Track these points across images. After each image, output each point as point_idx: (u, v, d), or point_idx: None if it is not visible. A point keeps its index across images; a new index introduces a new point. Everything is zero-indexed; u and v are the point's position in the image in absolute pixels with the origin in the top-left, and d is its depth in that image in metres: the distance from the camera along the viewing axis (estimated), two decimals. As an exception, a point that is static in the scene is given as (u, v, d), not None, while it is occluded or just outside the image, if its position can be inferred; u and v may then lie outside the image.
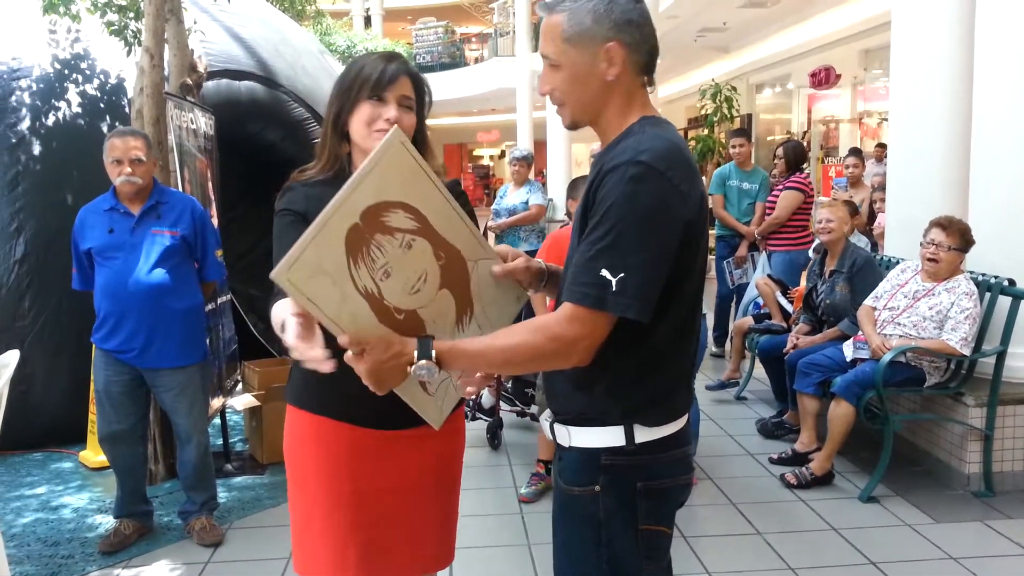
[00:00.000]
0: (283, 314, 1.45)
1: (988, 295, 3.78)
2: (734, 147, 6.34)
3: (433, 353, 1.36)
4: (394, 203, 1.44)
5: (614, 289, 1.34)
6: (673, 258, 1.39)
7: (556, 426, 1.55)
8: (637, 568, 1.51)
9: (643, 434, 1.47)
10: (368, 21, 24.89)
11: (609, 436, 1.47)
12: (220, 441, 4.30)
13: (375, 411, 1.68)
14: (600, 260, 1.35)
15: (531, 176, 6.67)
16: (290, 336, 1.36)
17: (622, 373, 1.45)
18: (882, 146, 9.13)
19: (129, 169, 3.15)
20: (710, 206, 6.39)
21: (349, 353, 1.36)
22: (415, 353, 1.36)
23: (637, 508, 1.49)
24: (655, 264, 1.36)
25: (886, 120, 9.97)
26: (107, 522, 3.53)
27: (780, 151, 6.11)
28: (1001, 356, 3.71)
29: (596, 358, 1.42)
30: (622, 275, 1.34)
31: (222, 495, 3.74)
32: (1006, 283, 3.71)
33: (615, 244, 1.34)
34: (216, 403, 3.97)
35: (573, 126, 1.55)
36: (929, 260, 3.77)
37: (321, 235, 1.36)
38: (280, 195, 1.77)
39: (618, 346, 1.42)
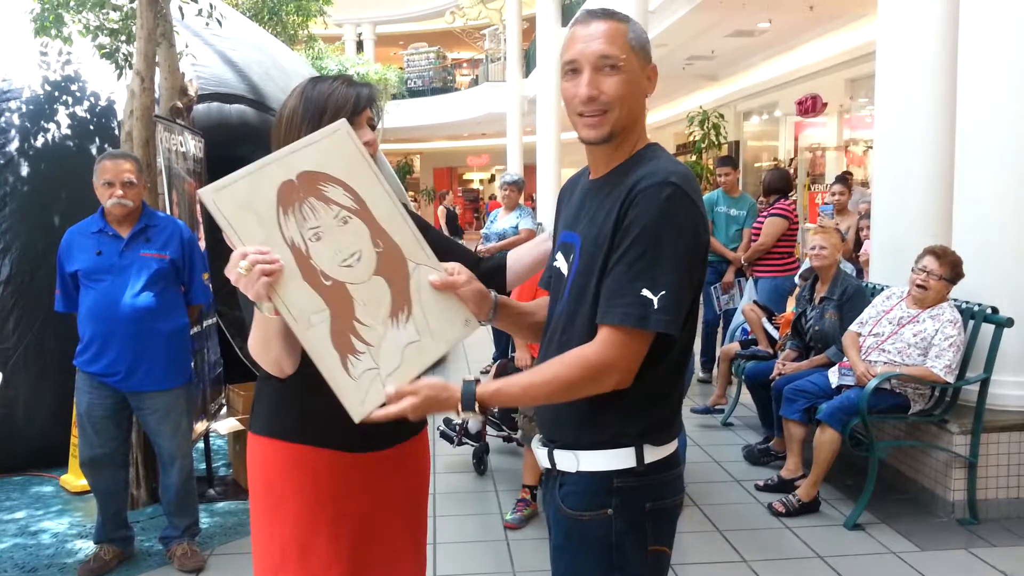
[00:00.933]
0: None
1: (971, 323, 3.81)
2: (720, 175, 6.41)
3: (476, 403, 1.44)
4: (334, 178, 1.51)
5: (656, 307, 1.38)
6: (699, 276, 1.46)
7: (558, 452, 1.54)
8: None
9: (651, 454, 1.50)
10: (360, 46, 25.07)
11: (620, 458, 1.49)
12: (203, 466, 4.26)
13: (351, 434, 1.67)
14: (640, 280, 1.39)
15: (521, 201, 6.71)
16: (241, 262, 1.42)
17: (638, 394, 1.46)
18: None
19: (120, 191, 3.15)
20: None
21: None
22: (460, 403, 1.44)
23: (646, 529, 1.50)
24: (686, 283, 1.42)
25: (872, 148, 10.08)
26: (87, 547, 3.49)
27: (764, 176, 6.22)
28: (985, 384, 3.74)
29: None
30: (663, 293, 1.38)
31: (204, 520, 3.70)
32: (989, 311, 3.75)
33: (654, 263, 1.38)
34: (200, 427, 3.93)
35: (608, 137, 1.49)
36: (918, 287, 3.79)
37: (256, 175, 1.45)
38: None
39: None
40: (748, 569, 3.28)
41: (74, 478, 4.17)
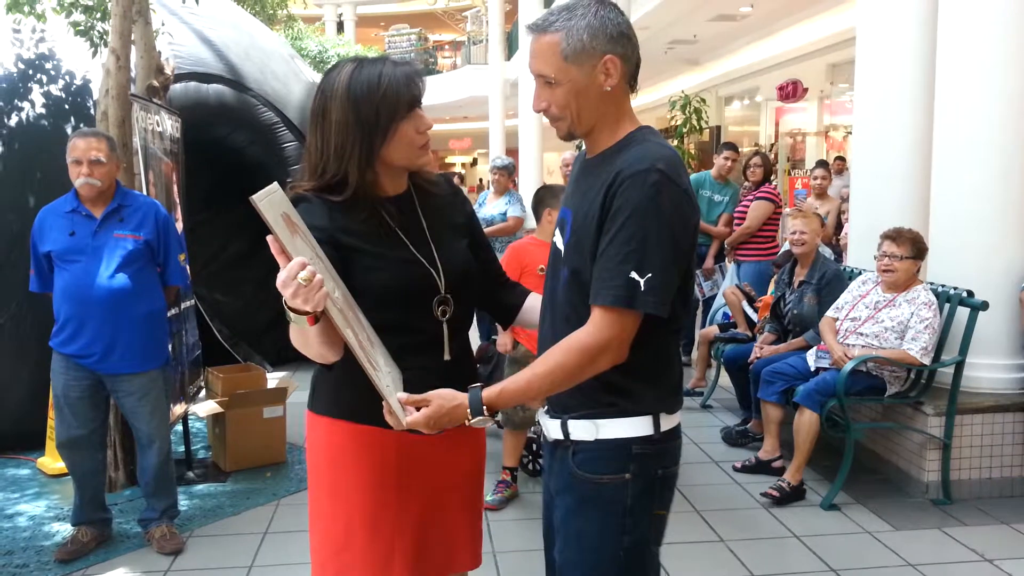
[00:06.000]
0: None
1: (947, 306, 3.86)
2: (727, 159, 6.24)
3: (484, 408, 1.51)
4: (299, 226, 1.49)
5: (643, 289, 1.45)
6: (686, 257, 1.53)
7: (573, 422, 1.60)
8: (649, 552, 1.62)
9: (665, 423, 1.60)
10: (341, 27, 24.84)
11: (639, 426, 1.57)
12: (182, 448, 4.24)
13: None
14: (628, 263, 1.46)
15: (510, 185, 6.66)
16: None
17: (643, 366, 1.55)
18: (841, 159, 9.30)
19: (87, 170, 3.09)
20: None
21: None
22: (468, 410, 1.52)
23: (654, 494, 1.60)
24: (673, 264, 1.49)
25: (852, 133, 10.15)
26: (64, 530, 3.46)
27: (758, 159, 6.13)
28: (959, 366, 3.78)
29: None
30: (649, 275, 1.45)
31: (183, 503, 3.68)
32: (964, 294, 3.79)
33: (641, 248, 1.45)
34: (178, 409, 3.91)
35: (569, 137, 1.62)
36: (885, 272, 3.84)
37: (273, 197, 1.44)
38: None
39: (637, 341, 1.52)
40: (726, 548, 3.32)
41: (51, 460, 4.13)
